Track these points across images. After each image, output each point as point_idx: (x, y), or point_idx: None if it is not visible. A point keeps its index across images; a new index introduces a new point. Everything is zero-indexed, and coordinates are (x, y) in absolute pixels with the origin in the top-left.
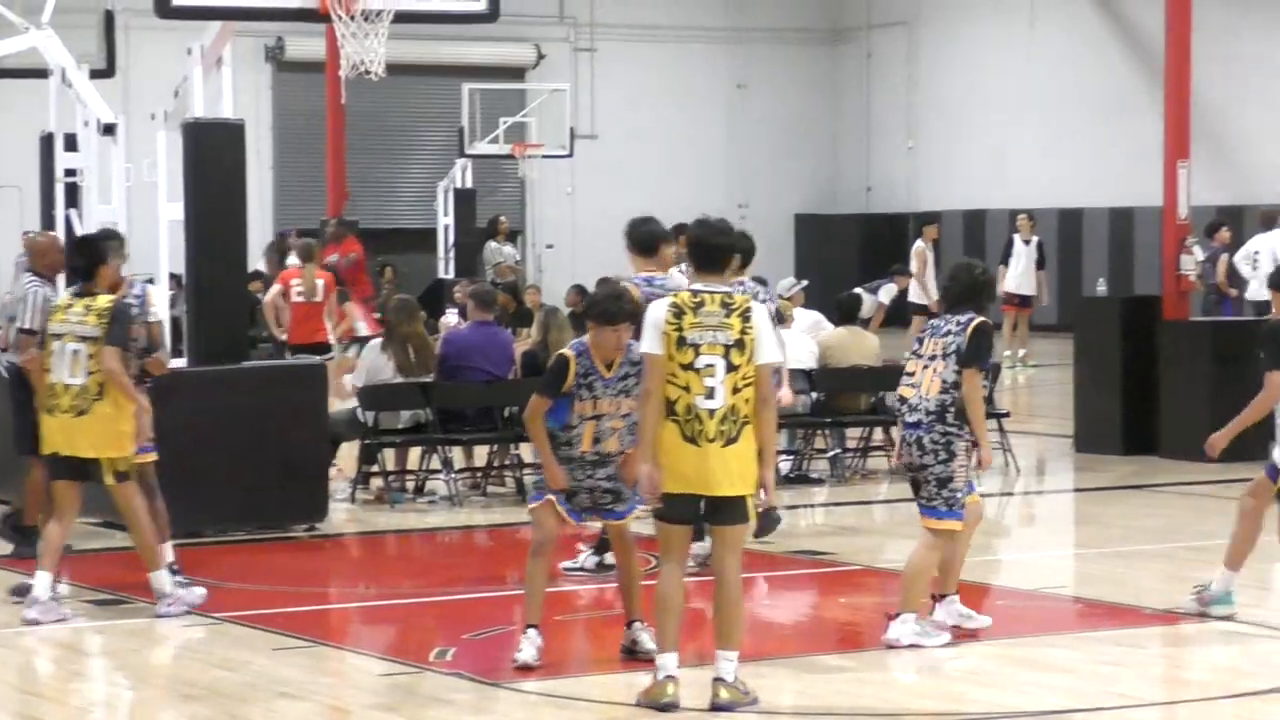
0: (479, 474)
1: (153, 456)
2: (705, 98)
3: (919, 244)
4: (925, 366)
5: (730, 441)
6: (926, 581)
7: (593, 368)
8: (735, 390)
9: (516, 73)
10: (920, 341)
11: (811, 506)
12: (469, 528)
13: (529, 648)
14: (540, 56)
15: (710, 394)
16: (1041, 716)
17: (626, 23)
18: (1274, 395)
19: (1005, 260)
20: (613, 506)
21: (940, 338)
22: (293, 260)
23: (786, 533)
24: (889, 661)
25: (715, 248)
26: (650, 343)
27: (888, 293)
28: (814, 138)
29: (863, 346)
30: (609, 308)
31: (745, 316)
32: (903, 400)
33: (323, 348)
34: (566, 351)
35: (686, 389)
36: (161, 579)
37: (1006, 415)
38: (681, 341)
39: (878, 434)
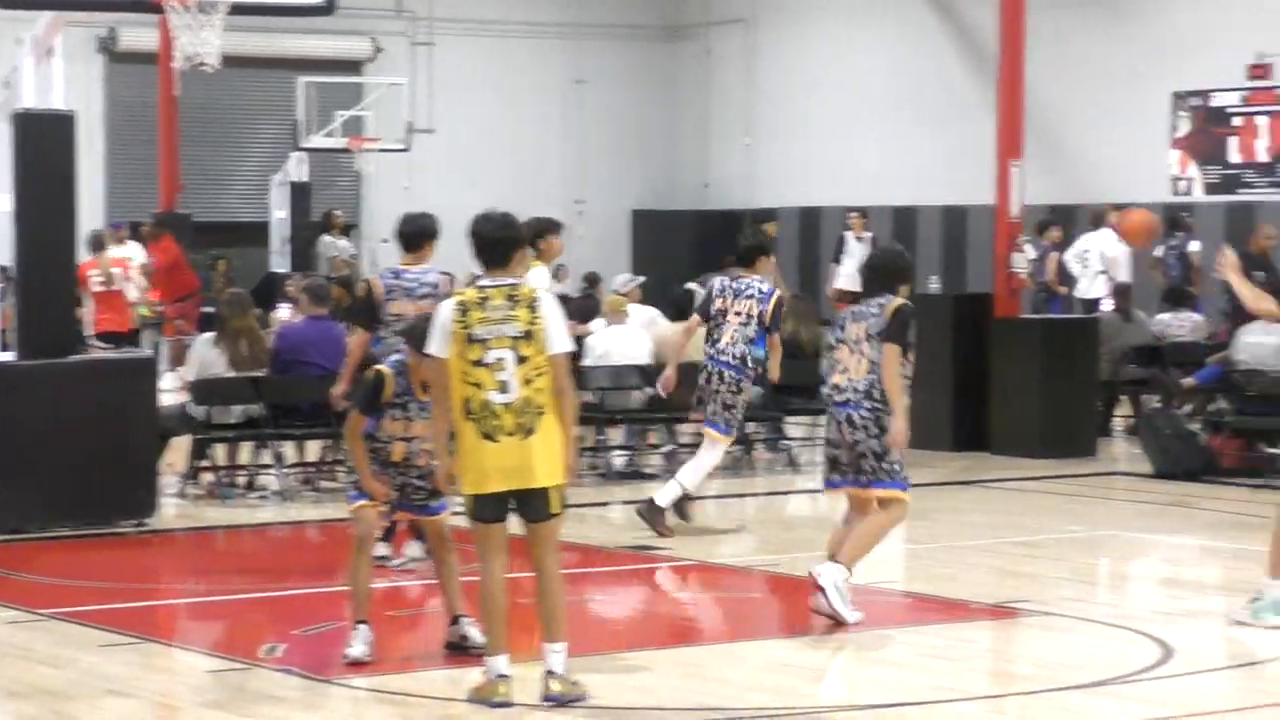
0: (311, 469)
1: None
2: (543, 93)
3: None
4: (851, 352)
5: (529, 434)
6: (867, 550)
7: (409, 389)
8: (527, 382)
9: (353, 66)
10: (842, 328)
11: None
12: (300, 523)
13: (359, 643)
14: (378, 50)
15: (503, 388)
16: (870, 710)
17: (464, 17)
18: None
19: (837, 258)
20: (427, 502)
21: (863, 322)
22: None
23: (620, 527)
24: (722, 656)
25: (498, 242)
26: (436, 345)
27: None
28: (652, 134)
29: (697, 342)
30: (426, 334)
31: (532, 307)
32: (836, 388)
33: (127, 337)
34: (384, 369)
35: (479, 386)
36: None
37: None
38: (470, 338)
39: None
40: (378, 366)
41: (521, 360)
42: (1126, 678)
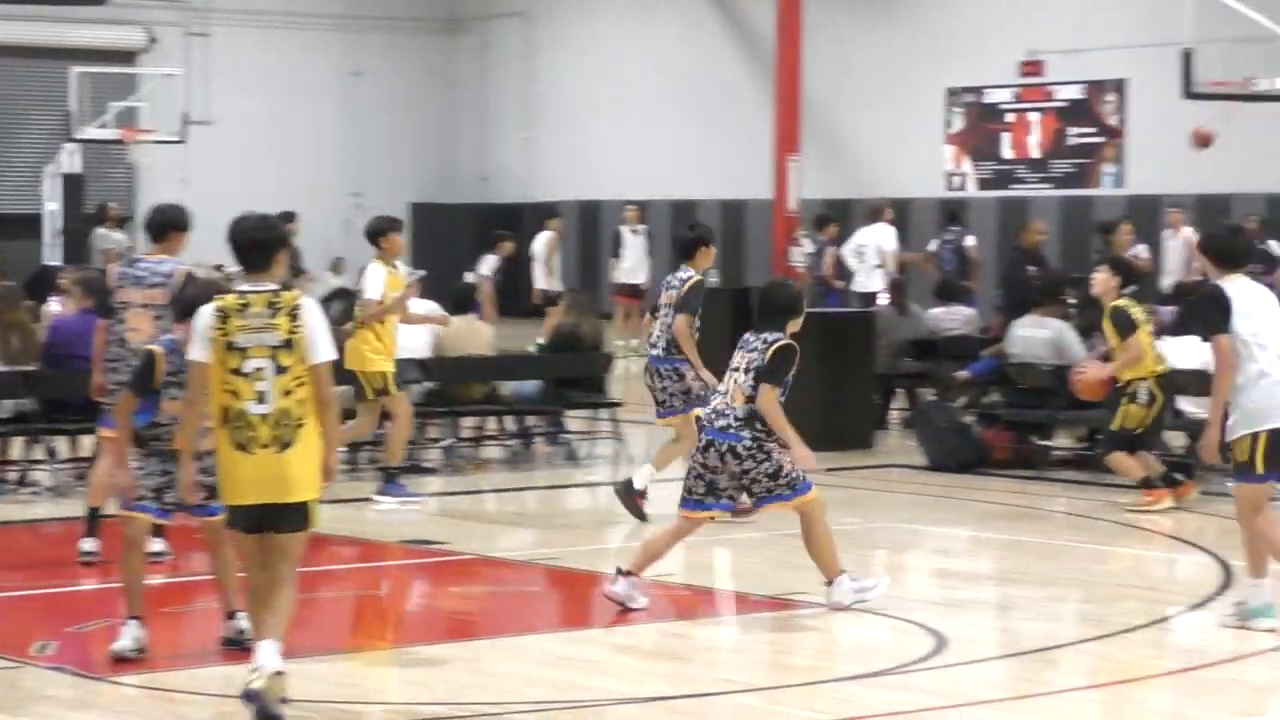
0: (84, 464)
1: None
2: (321, 85)
3: (549, 234)
4: (730, 377)
5: (285, 446)
6: (832, 546)
7: (184, 366)
8: (287, 393)
9: (127, 56)
10: (734, 354)
11: (425, 496)
12: (73, 519)
13: (128, 639)
14: (152, 40)
15: (260, 398)
16: (651, 703)
17: (241, 8)
18: (1225, 358)
19: (616, 252)
20: (206, 502)
21: (748, 352)
22: None
23: (399, 522)
24: (502, 651)
25: (258, 245)
26: (196, 349)
27: (488, 264)
28: (430, 126)
29: (477, 336)
30: (194, 305)
31: (294, 315)
32: (716, 413)
33: None
34: (155, 347)
35: (236, 394)
36: None
37: (620, 405)
38: (230, 346)
39: (491, 423)
40: (149, 345)
41: (281, 370)
42: (902, 668)
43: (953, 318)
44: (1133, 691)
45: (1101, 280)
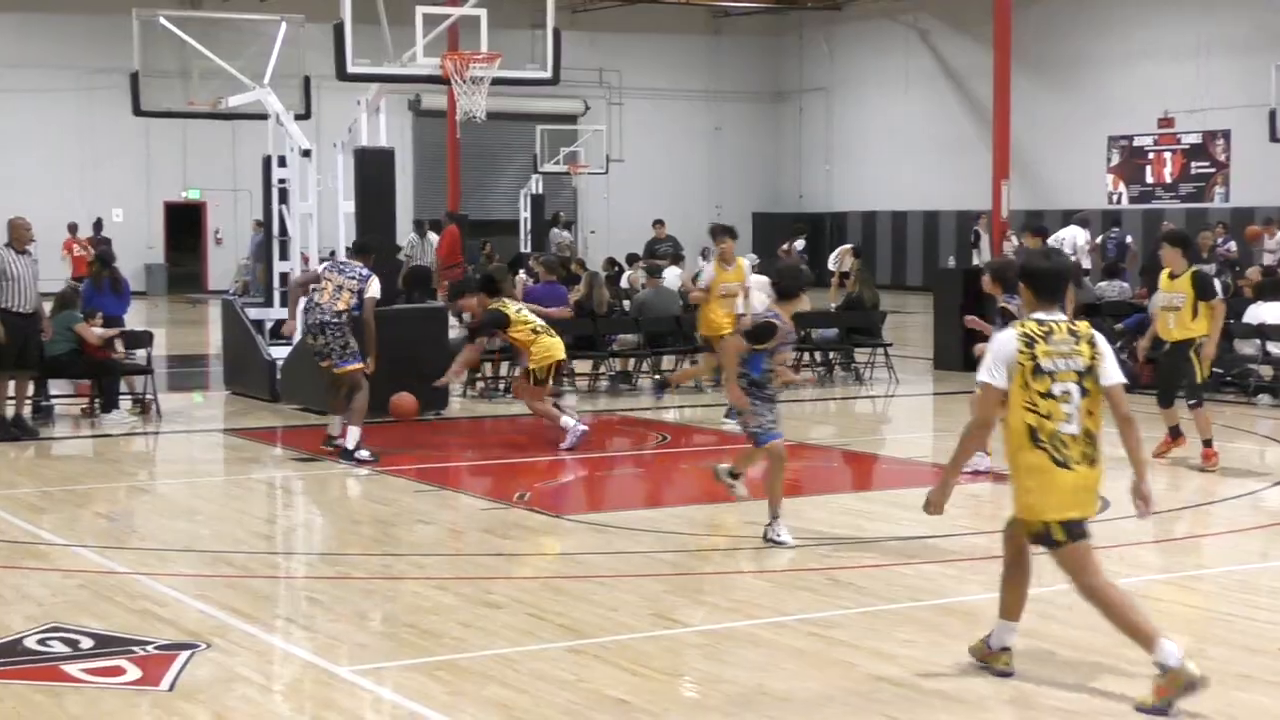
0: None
1: None
2: (694, 134)
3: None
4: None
5: (1093, 464)
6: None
7: (772, 333)
8: (1089, 414)
9: (570, 118)
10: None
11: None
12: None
13: (783, 531)
14: (586, 108)
15: (1069, 419)
16: (908, 540)
17: (643, 86)
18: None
19: (974, 244)
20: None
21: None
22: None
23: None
24: (811, 505)
25: (1056, 276)
26: (997, 375)
27: (799, 245)
28: (764, 162)
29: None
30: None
31: (1092, 343)
32: None
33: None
34: (774, 320)
35: (1048, 417)
36: None
37: (890, 345)
38: (1038, 370)
39: (804, 358)
40: (768, 318)
41: (1084, 394)
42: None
43: (1113, 289)
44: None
45: (1168, 255)
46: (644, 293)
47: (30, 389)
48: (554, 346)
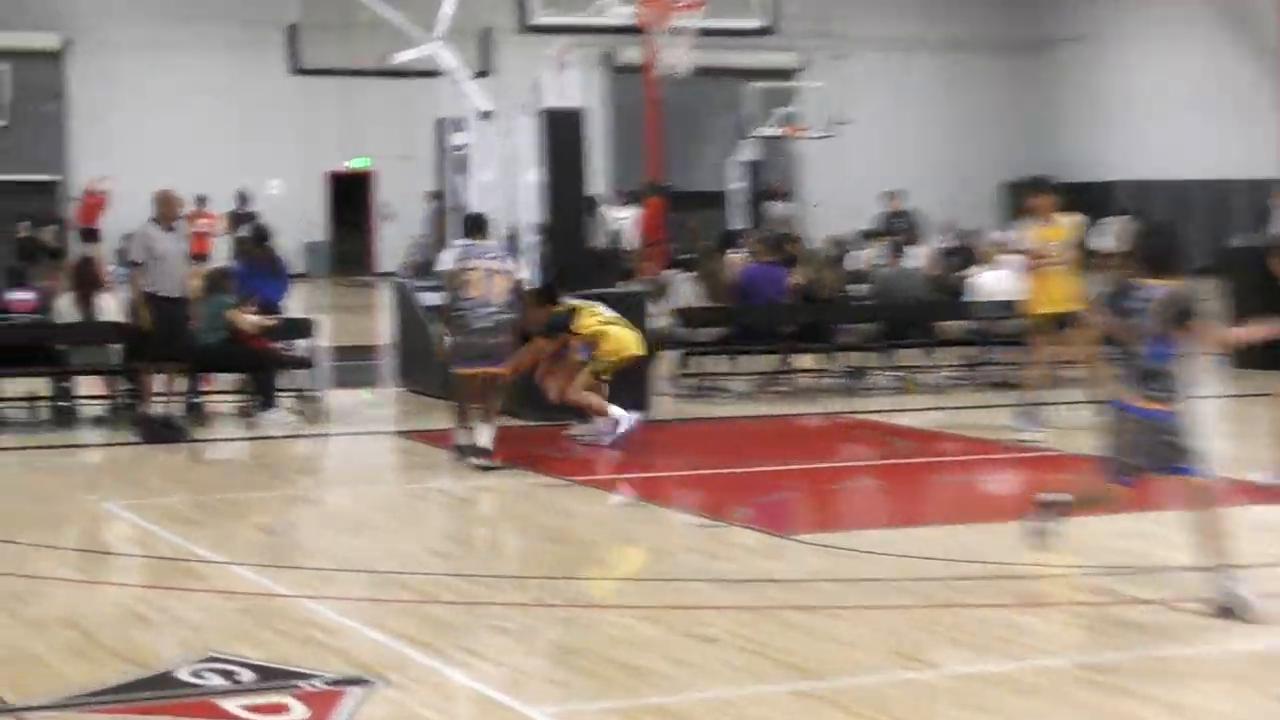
0: (769, 378)
1: None
2: (927, 93)
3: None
4: None
5: None
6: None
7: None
8: None
9: (786, 74)
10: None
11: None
12: (756, 418)
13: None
14: (805, 62)
15: None
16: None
17: (872, 35)
18: None
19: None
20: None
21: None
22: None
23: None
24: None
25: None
26: None
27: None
28: (1009, 125)
29: None
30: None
31: None
32: None
33: None
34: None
35: None
36: None
37: None
38: None
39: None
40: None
41: None
42: None
43: None
44: None
45: None
46: (885, 270)
47: (181, 384)
48: (628, 341)
